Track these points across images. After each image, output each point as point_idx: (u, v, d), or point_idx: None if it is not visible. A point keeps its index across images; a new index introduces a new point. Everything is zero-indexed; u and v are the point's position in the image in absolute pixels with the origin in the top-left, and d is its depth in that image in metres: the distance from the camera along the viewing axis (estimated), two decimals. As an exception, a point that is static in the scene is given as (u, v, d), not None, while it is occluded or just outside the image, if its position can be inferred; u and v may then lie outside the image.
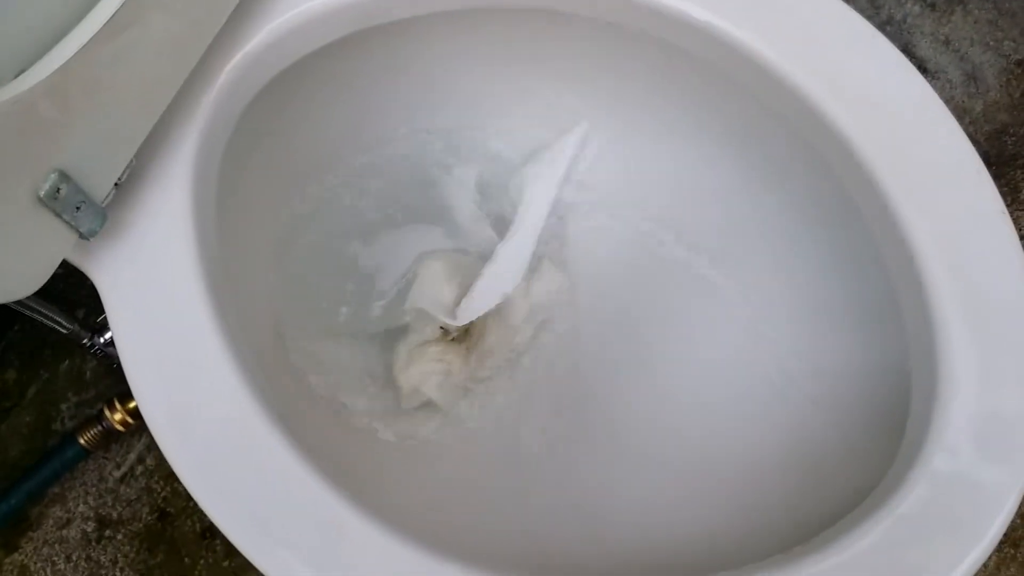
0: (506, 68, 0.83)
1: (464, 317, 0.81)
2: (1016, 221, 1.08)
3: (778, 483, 0.69)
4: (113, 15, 0.51)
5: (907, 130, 0.62)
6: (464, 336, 0.85)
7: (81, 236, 0.56)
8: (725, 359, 0.78)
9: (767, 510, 0.67)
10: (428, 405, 0.81)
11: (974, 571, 0.53)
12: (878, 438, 0.63)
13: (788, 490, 0.68)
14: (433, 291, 0.82)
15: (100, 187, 0.56)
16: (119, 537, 1.00)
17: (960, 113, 1.13)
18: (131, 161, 0.58)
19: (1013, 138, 1.12)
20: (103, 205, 0.56)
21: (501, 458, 0.79)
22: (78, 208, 0.54)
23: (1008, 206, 1.07)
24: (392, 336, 0.85)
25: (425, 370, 0.81)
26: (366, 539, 0.54)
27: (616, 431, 0.78)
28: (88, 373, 1.04)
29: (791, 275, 0.77)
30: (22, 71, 0.50)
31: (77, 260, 0.59)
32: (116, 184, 0.57)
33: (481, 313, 0.81)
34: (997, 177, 1.10)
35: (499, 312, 0.83)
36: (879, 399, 0.67)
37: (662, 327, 0.83)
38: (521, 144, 0.87)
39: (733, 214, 0.81)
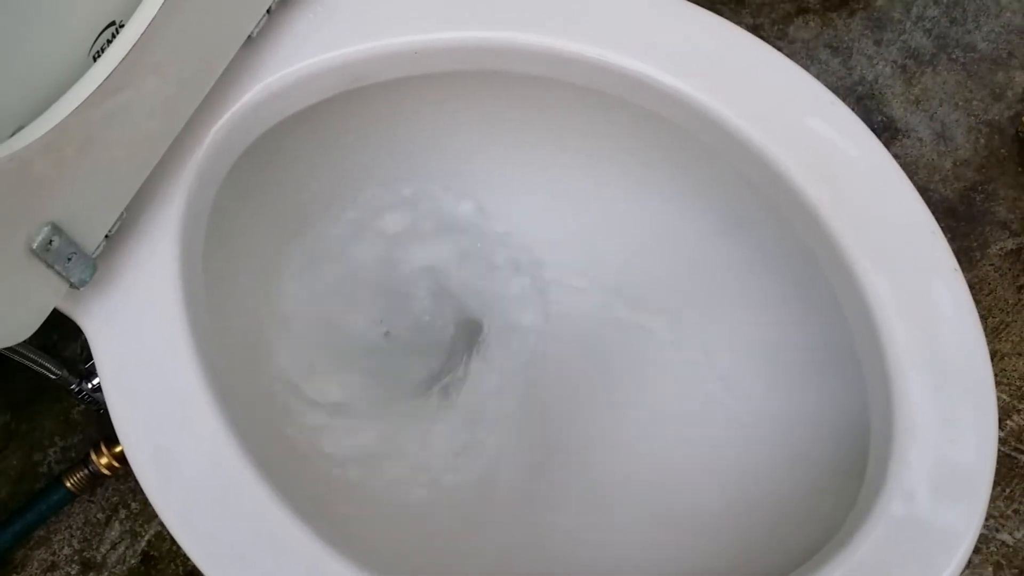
0: (491, 129, 0.86)
1: None
2: (985, 276, 1.12)
3: (740, 530, 0.71)
4: (107, 77, 0.53)
5: (865, 192, 0.65)
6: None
7: (72, 286, 0.58)
8: (687, 413, 0.81)
9: (729, 557, 0.69)
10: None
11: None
12: (839, 484, 0.65)
13: (749, 537, 0.70)
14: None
15: (91, 239, 0.58)
16: (102, 580, 1.01)
17: (930, 171, 1.16)
18: (122, 214, 0.60)
19: (982, 194, 1.15)
20: (93, 256, 0.59)
21: (474, 510, 0.81)
22: (69, 259, 0.56)
23: (978, 260, 1.12)
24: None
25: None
26: None
27: (580, 484, 0.80)
28: (75, 417, 1.05)
29: (753, 328, 0.80)
30: (20, 128, 0.52)
31: (67, 309, 0.61)
32: (107, 236, 0.60)
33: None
34: (967, 232, 1.13)
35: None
36: (839, 446, 0.69)
37: (623, 389, 0.85)
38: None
39: (696, 270, 0.83)
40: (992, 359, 0.62)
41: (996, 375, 0.61)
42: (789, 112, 0.67)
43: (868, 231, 0.64)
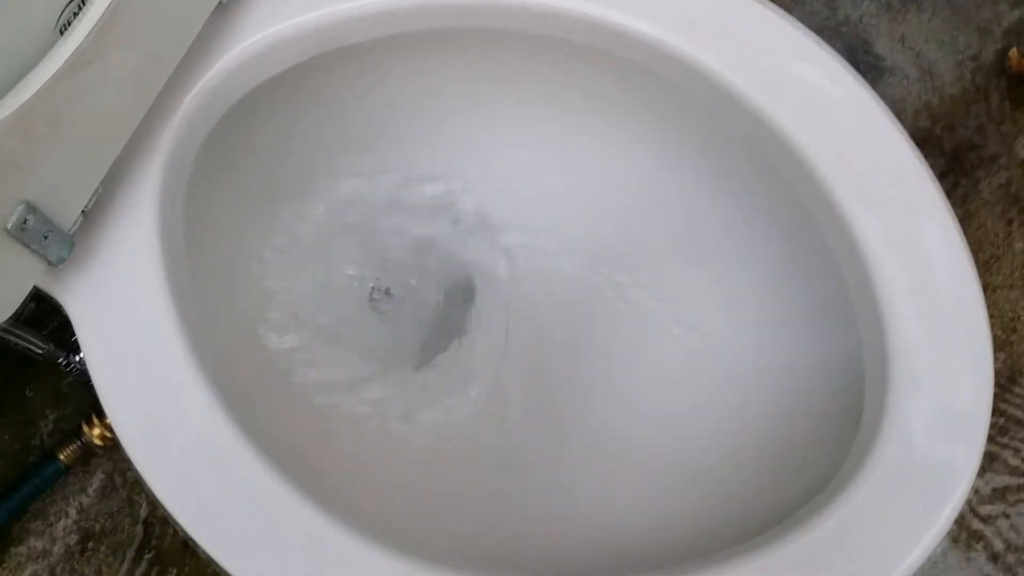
0: (473, 87, 0.84)
1: None
2: (975, 211, 1.11)
3: (736, 479, 0.71)
4: (76, 50, 0.52)
5: (853, 136, 0.64)
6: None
7: (50, 264, 0.57)
8: (676, 369, 0.81)
9: (728, 504, 0.69)
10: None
11: (928, 553, 0.55)
12: (835, 431, 0.65)
13: (746, 485, 0.70)
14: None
15: (67, 216, 0.57)
16: (102, 550, 1.01)
17: (918, 108, 1.15)
18: (97, 189, 0.59)
19: (969, 130, 1.14)
20: (70, 233, 0.58)
21: (474, 457, 0.81)
22: (46, 237, 0.55)
23: (967, 195, 1.11)
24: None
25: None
26: (342, 549, 0.56)
27: (577, 435, 0.80)
28: (65, 388, 1.05)
29: (744, 279, 0.79)
30: (-15, 109, 0.51)
31: (47, 287, 0.60)
32: (83, 212, 0.59)
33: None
34: (955, 168, 1.13)
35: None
36: (833, 392, 0.69)
37: (611, 347, 0.85)
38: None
39: (682, 224, 0.83)
40: (983, 292, 0.61)
41: (987, 309, 0.61)
42: (773, 58, 0.66)
43: (857, 175, 0.63)
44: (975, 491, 1.02)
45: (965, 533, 1.00)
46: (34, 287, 0.58)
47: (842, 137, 0.64)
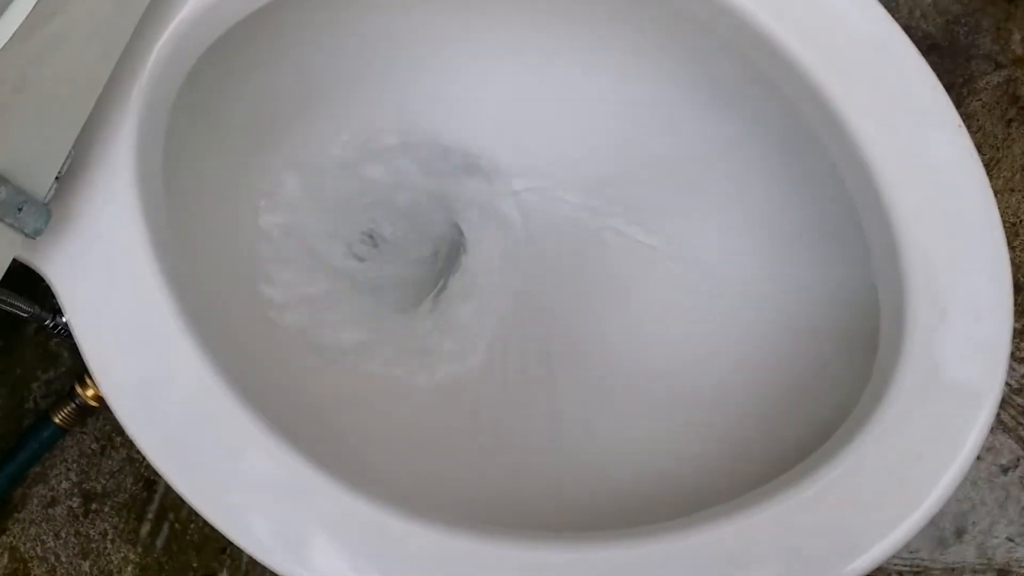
0: (460, 16, 0.80)
1: None
2: (973, 112, 1.08)
3: (756, 411, 0.70)
4: (33, 8, 0.48)
5: (856, 46, 0.61)
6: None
7: (27, 236, 0.54)
8: (679, 301, 0.79)
9: (748, 439, 0.68)
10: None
11: (958, 481, 0.54)
12: (851, 356, 0.64)
13: (767, 417, 0.69)
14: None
15: (40, 184, 0.54)
16: (106, 510, 1.00)
17: (911, 6, 1.12)
18: (70, 153, 0.56)
19: (965, 27, 1.11)
20: (45, 202, 0.55)
21: (475, 408, 0.80)
22: (20, 209, 0.52)
23: (965, 96, 1.08)
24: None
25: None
26: (331, 500, 0.55)
27: (589, 372, 0.79)
28: (54, 348, 1.03)
29: (746, 205, 0.77)
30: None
31: (26, 258, 0.57)
32: (57, 178, 0.56)
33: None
34: (952, 68, 1.10)
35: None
36: (844, 319, 0.67)
37: (611, 287, 0.82)
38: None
39: (684, 146, 0.80)
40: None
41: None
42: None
43: (864, 88, 0.60)
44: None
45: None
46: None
47: (846, 48, 0.61)
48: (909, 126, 0.59)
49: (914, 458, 0.54)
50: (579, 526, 0.57)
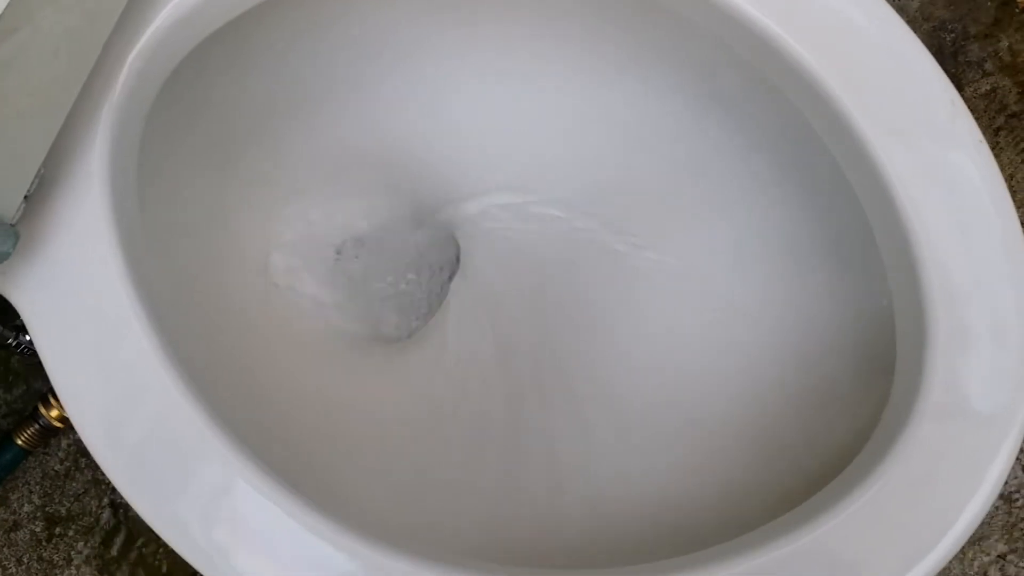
0: (440, 18, 0.77)
1: None
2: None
3: (773, 439, 0.67)
4: (-2, 17, 0.45)
5: (867, 53, 0.59)
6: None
7: (-7, 261, 0.51)
8: (682, 324, 0.76)
9: (765, 468, 0.65)
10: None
11: (983, 515, 0.52)
12: (868, 380, 0.61)
13: (784, 444, 0.66)
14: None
15: (7, 206, 0.50)
16: (71, 534, 0.96)
17: (897, 11, 1.10)
18: (39, 171, 0.52)
19: (952, 34, 1.10)
20: (13, 223, 0.51)
21: (464, 426, 0.77)
22: (-15, 232, 0.49)
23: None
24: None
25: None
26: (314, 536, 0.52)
27: (583, 406, 0.76)
28: (16, 366, 0.98)
29: (759, 221, 0.74)
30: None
31: (-7, 285, 0.54)
32: (25, 198, 0.52)
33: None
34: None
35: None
36: (856, 338, 0.65)
37: (610, 308, 0.79)
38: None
39: (682, 158, 0.77)
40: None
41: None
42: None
43: (877, 98, 0.58)
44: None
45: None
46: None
47: (857, 56, 0.59)
48: (928, 141, 0.57)
49: (936, 491, 0.52)
50: (575, 564, 0.55)
